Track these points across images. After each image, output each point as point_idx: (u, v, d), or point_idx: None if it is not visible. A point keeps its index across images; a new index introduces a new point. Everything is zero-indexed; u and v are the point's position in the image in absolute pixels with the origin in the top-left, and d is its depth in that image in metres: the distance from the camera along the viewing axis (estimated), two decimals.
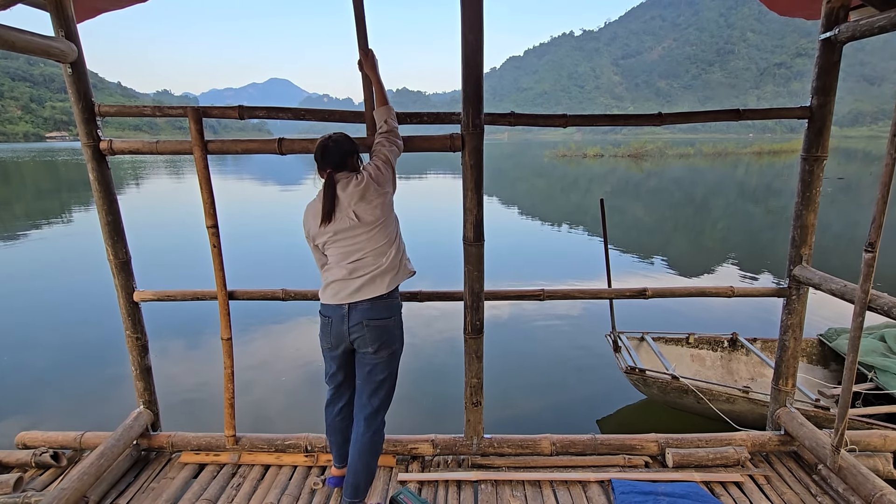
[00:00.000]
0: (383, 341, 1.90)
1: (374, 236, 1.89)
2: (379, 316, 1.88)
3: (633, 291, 2.47)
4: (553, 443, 2.51)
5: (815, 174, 2.23)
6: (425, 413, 3.96)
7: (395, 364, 1.99)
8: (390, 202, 1.94)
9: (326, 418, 2.13)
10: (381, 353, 1.92)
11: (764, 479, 2.35)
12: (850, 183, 20.85)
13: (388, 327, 1.91)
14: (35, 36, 1.85)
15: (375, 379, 1.94)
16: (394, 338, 1.94)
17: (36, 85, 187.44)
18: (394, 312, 1.94)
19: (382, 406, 2.00)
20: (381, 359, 1.93)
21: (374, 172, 1.89)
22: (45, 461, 2.41)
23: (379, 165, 1.92)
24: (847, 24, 2.02)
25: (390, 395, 2.02)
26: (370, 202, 1.86)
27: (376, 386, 1.95)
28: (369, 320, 1.87)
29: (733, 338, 4.11)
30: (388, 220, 1.92)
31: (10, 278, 7.87)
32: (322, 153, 1.91)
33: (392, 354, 1.95)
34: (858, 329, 1.86)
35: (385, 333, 1.90)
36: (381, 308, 1.89)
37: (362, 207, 1.86)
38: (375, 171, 1.90)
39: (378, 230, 1.89)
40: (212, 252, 2.26)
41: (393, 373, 2.00)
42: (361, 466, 1.97)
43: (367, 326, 1.87)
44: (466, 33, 1.97)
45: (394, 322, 1.93)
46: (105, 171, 2.24)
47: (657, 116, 2.24)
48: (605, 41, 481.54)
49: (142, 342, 2.45)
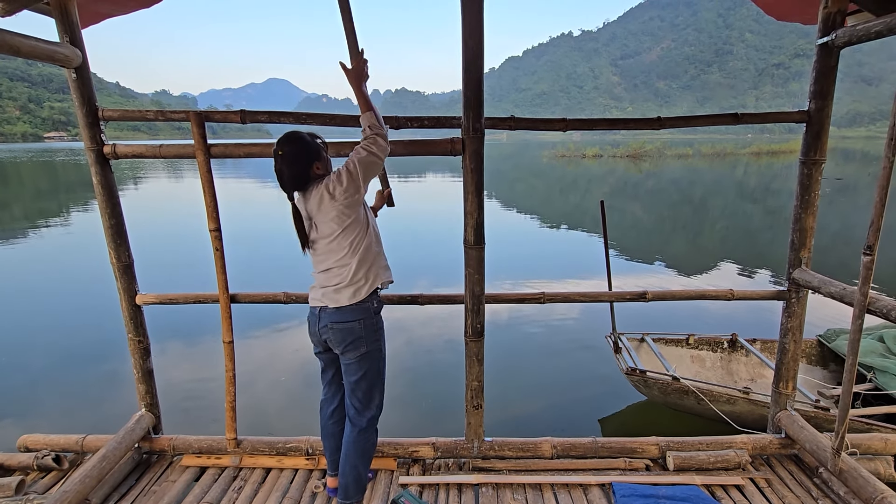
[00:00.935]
0: (349, 342, 1.90)
1: (334, 248, 1.87)
2: (343, 319, 1.88)
3: (633, 294, 2.48)
4: (554, 446, 2.52)
5: (814, 177, 2.24)
6: (426, 416, 3.96)
7: (368, 366, 1.95)
8: (350, 213, 1.84)
9: (321, 420, 2.16)
10: (349, 354, 1.92)
11: (765, 482, 2.36)
12: (848, 183, 20.89)
13: (354, 329, 1.89)
14: (40, 41, 1.87)
15: (350, 380, 1.95)
16: (361, 340, 1.91)
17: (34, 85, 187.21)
18: (360, 316, 1.90)
19: (364, 407, 1.98)
20: (350, 360, 1.93)
21: (331, 185, 1.81)
22: (47, 464, 2.41)
23: (341, 175, 1.82)
24: (844, 28, 2.04)
25: (371, 396, 1.99)
26: (326, 214, 1.83)
27: (353, 386, 1.96)
28: (334, 323, 1.89)
29: (733, 339, 4.12)
30: (347, 230, 1.85)
31: (8, 279, 7.87)
32: (279, 179, 1.85)
33: (362, 357, 1.92)
34: (858, 332, 1.87)
35: (350, 335, 1.89)
36: (347, 312, 1.88)
37: (320, 218, 1.86)
38: (335, 182, 1.81)
39: (336, 242, 1.86)
40: (214, 255, 2.27)
41: (368, 375, 1.95)
42: (348, 468, 1.98)
43: (332, 329, 1.90)
44: (467, 38, 1.98)
45: (361, 325, 1.90)
46: (108, 175, 2.25)
47: (656, 121, 2.25)
48: (604, 42, 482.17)
49: (144, 345, 2.45)
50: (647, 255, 9.37)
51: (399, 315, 6.03)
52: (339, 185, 1.80)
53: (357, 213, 1.86)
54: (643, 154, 42.95)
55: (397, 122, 2.19)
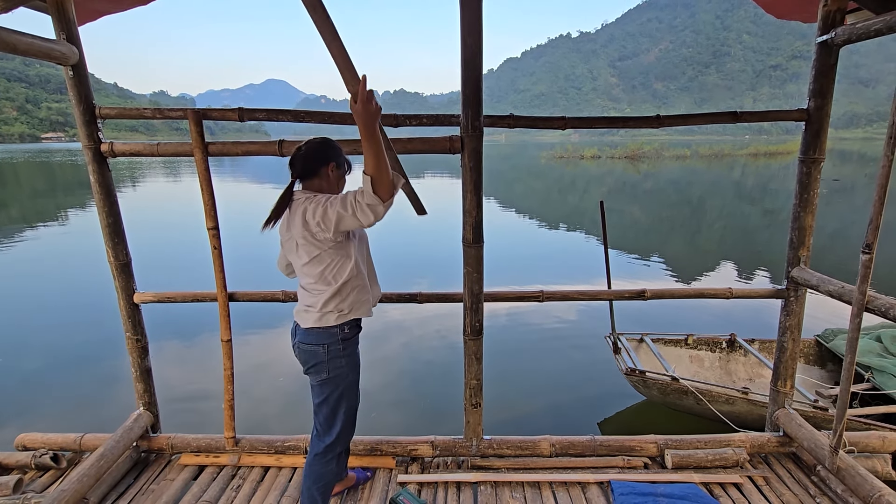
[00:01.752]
0: (311, 365, 1.81)
1: (306, 272, 1.78)
2: (308, 341, 1.79)
3: (632, 293, 2.48)
4: (552, 444, 2.52)
5: (813, 176, 2.24)
6: (425, 415, 3.96)
7: (329, 392, 1.82)
8: (319, 245, 1.71)
9: None
10: (311, 377, 1.84)
11: (763, 481, 2.36)
12: (845, 184, 20.97)
13: (317, 353, 1.79)
14: (37, 39, 1.86)
15: (314, 401, 1.87)
16: (322, 365, 1.79)
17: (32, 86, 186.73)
18: (325, 340, 1.78)
19: (324, 432, 1.88)
20: (313, 383, 1.85)
21: (312, 208, 1.66)
22: (44, 463, 2.41)
23: (326, 210, 1.63)
24: (843, 27, 2.04)
25: (331, 423, 1.86)
26: (297, 232, 1.71)
27: (315, 409, 1.88)
28: (301, 342, 1.81)
29: (731, 339, 4.13)
30: (315, 261, 1.73)
31: (6, 279, 7.84)
32: (290, 165, 1.80)
33: (322, 383, 1.81)
34: (856, 330, 1.87)
35: (312, 358, 1.80)
36: (312, 334, 1.79)
37: (293, 232, 1.73)
38: (315, 208, 1.65)
39: (307, 267, 1.76)
40: (212, 254, 2.26)
41: (329, 401, 1.83)
42: (304, 488, 1.91)
43: (299, 348, 1.83)
44: (466, 36, 1.98)
45: (324, 350, 1.78)
46: (106, 173, 2.24)
47: (655, 119, 2.25)
48: (602, 43, 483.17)
49: (142, 344, 2.44)
50: (644, 255, 9.38)
51: (397, 314, 6.03)
52: (314, 217, 1.65)
53: (326, 248, 1.73)
54: (641, 155, 43.04)
55: (396, 120, 2.19)
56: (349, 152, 2.27)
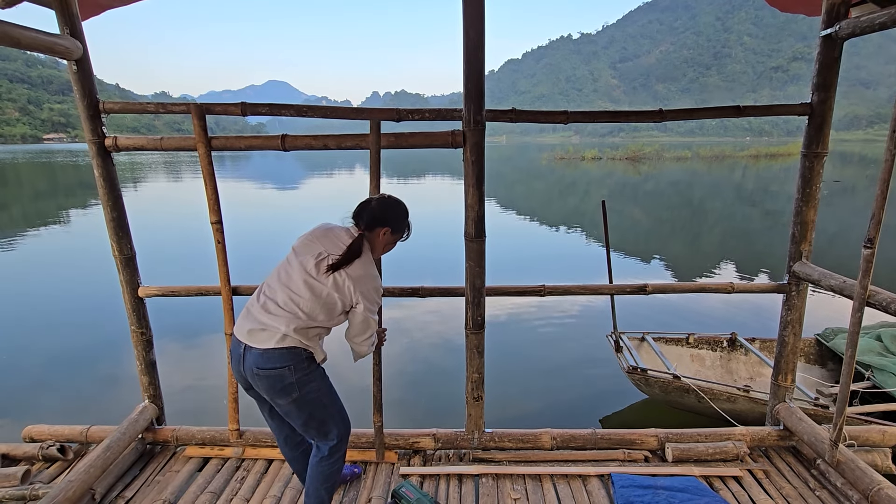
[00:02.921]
0: (277, 390, 1.66)
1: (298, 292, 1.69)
2: (269, 365, 1.64)
3: (633, 287, 2.50)
4: (553, 437, 2.53)
5: (816, 170, 2.25)
6: (426, 409, 3.98)
7: (310, 408, 1.74)
8: (326, 303, 1.70)
9: (279, 449, 2.06)
10: (280, 401, 1.70)
11: (763, 474, 2.37)
12: (845, 186, 20.96)
13: (283, 376, 1.65)
14: (41, 33, 1.87)
15: (296, 423, 1.78)
16: (290, 388, 1.67)
17: (34, 87, 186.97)
18: (288, 362, 1.65)
19: (322, 440, 1.84)
20: (283, 404, 1.71)
21: (357, 296, 1.71)
22: (51, 454, 2.43)
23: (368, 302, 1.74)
24: (848, 20, 2.04)
25: (326, 430, 1.80)
26: (332, 286, 1.69)
27: (302, 429, 1.80)
28: (259, 368, 1.64)
29: (732, 338, 4.14)
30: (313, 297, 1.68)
31: (11, 278, 7.86)
32: (359, 212, 1.84)
33: (296, 402, 1.70)
34: (857, 325, 1.87)
35: (278, 382, 1.65)
36: (274, 357, 1.64)
37: (332, 284, 1.70)
38: (360, 294, 1.71)
39: (303, 291, 1.68)
40: (216, 248, 2.28)
41: (315, 414, 1.75)
42: (312, 490, 1.88)
43: (258, 375, 1.66)
44: (468, 29, 1.99)
45: (290, 371, 1.65)
46: (110, 168, 2.25)
47: (658, 113, 2.27)
48: (603, 45, 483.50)
49: (146, 337, 2.46)
50: (645, 257, 9.39)
51: (399, 310, 6.05)
52: (358, 291, 1.71)
53: (335, 316, 1.75)
54: (642, 157, 43.07)
55: (398, 114, 2.20)
56: (352, 147, 2.29)
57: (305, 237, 1.82)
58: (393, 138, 2.21)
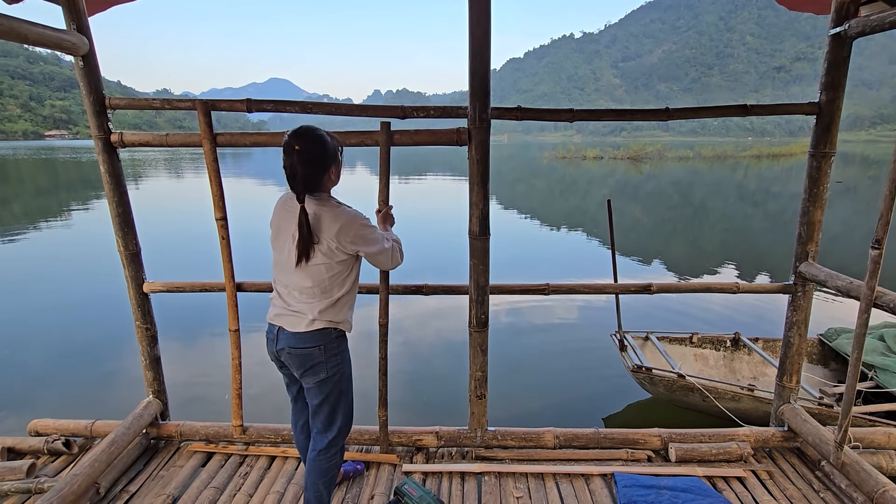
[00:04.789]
0: (307, 368, 1.75)
1: (309, 272, 1.70)
2: (301, 345, 1.72)
3: (638, 286, 2.49)
4: (556, 436, 2.53)
5: (823, 170, 2.24)
6: (429, 407, 3.97)
7: (329, 390, 1.80)
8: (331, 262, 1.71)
9: (293, 433, 2.09)
10: (308, 379, 1.78)
11: (766, 475, 2.37)
12: (848, 186, 20.90)
13: (313, 354, 1.73)
14: (48, 29, 1.87)
15: (312, 402, 1.83)
16: (321, 366, 1.75)
17: (35, 83, 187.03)
18: (320, 342, 1.73)
19: (325, 429, 1.85)
20: (310, 384, 1.79)
21: (347, 230, 1.67)
22: (57, 448, 2.44)
23: (364, 234, 1.70)
24: (857, 19, 2.02)
25: (332, 419, 1.85)
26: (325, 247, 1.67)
27: (315, 409, 1.84)
28: (291, 348, 1.73)
29: (736, 337, 4.13)
30: (321, 267, 1.70)
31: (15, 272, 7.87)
32: (291, 177, 1.66)
33: (322, 382, 1.77)
34: (864, 326, 1.86)
35: (309, 360, 1.74)
36: (305, 338, 1.72)
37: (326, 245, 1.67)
38: (350, 233, 1.68)
39: (311, 269, 1.69)
40: (220, 244, 2.28)
41: (330, 399, 1.81)
42: (310, 484, 1.89)
43: (289, 353, 1.75)
44: (474, 28, 1.99)
45: (320, 350, 1.73)
46: (116, 164, 2.25)
47: (664, 112, 2.26)
48: (605, 44, 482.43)
49: (151, 332, 2.46)
50: (646, 257, 9.38)
51: (401, 308, 6.05)
52: (348, 236, 1.68)
53: (342, 259, 1.73)
54: (643, 156, 42.97)
55: (403, 111, 2.20)
56: (356, 143, 2.29)
57: (273, 219, 1.80)
58: (398, 135, 2.21)
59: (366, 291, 2.27)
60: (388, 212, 2.05)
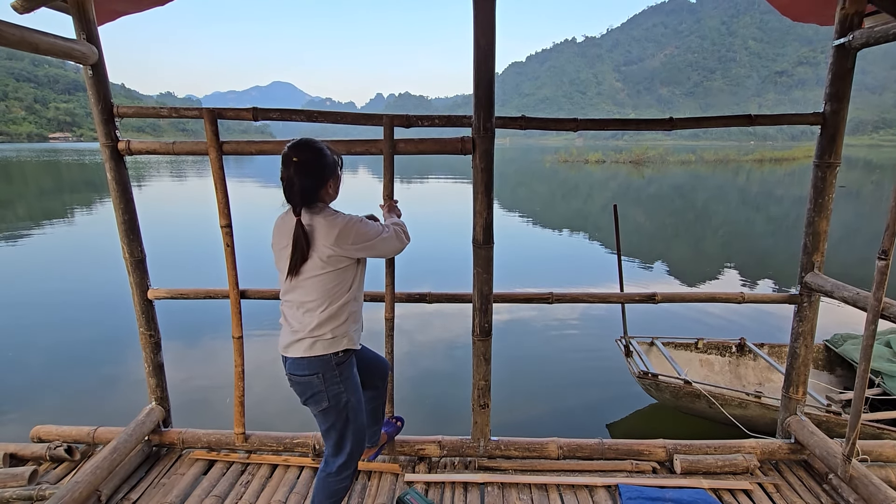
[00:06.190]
0: (308, 396, 1.73)
1: (309, 284, 1.66)
2: (300, 372, 1.70)
3: (642, 296, 2.47)
4: (560, 446, 2.51)
5: (828, 181, 2.23)
6: (432, 416, 3.96)
7: (334, 419, 1.75)
8: (333, 270, 1.67)
9: None
10: (311, 407, 1.76)
11: (773, 488, 2.34)
12: (851, 191, 20.84)
13: (312, 383, 1.70)
14: (58, 38, 1.88)
15: (321, 428, 1.81)
16: (321, 395, 1.71)
17: (40, 86, 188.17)
18: (318, 369, 1.68)
19: (334, 454, 1.82)
20: (314, 411, 1.76)
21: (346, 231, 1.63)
22: (59, 455, 2.44)
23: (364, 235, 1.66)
24: (861, 30, 2.02)
25: (341, 445, 1.80)
26: (324, 255, 1.63)
27: (323, 434, 1.83)
28: (292, 374, 1.72)
29: (741, 343, 4.12)
30: (321, 277, 1.66)
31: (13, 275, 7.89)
32: (288, 189, 1.63)
33: (324, 411, 1.73)
34: (871, 337, 1.84)
35: (308, 389, 1.71)
36: (304, 365, 1.69)
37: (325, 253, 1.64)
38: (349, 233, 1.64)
39: (312, 281, 1.66)
40: (225, 251, 2.28)
41: (336, 426, 1.77)
42: (316, 502, 1.87)
43: (291, 380, 1.73)
44: (479, 38, 1.99)
45: (320, 379, 1.69)
46: (122, 171, 2.26)
47: (668, 121, 2.25)
48: (608, 48, 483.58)
49: (155, 339, 2.46)
50: (649, 259, 9.36)
51: (403, 315, 6.04)
52: (351, 244, 1.65)
53: (343, 265, 1.69)
54: (646, 160, 42.93)
55: (408, 120, 2.20)
56: (361, 151, 2.28)
57: (273, 241, 1.76)
58: (403, 144, 2.21)
59: (370, 299, 2.26)
60: (392, 204, 2.09)
